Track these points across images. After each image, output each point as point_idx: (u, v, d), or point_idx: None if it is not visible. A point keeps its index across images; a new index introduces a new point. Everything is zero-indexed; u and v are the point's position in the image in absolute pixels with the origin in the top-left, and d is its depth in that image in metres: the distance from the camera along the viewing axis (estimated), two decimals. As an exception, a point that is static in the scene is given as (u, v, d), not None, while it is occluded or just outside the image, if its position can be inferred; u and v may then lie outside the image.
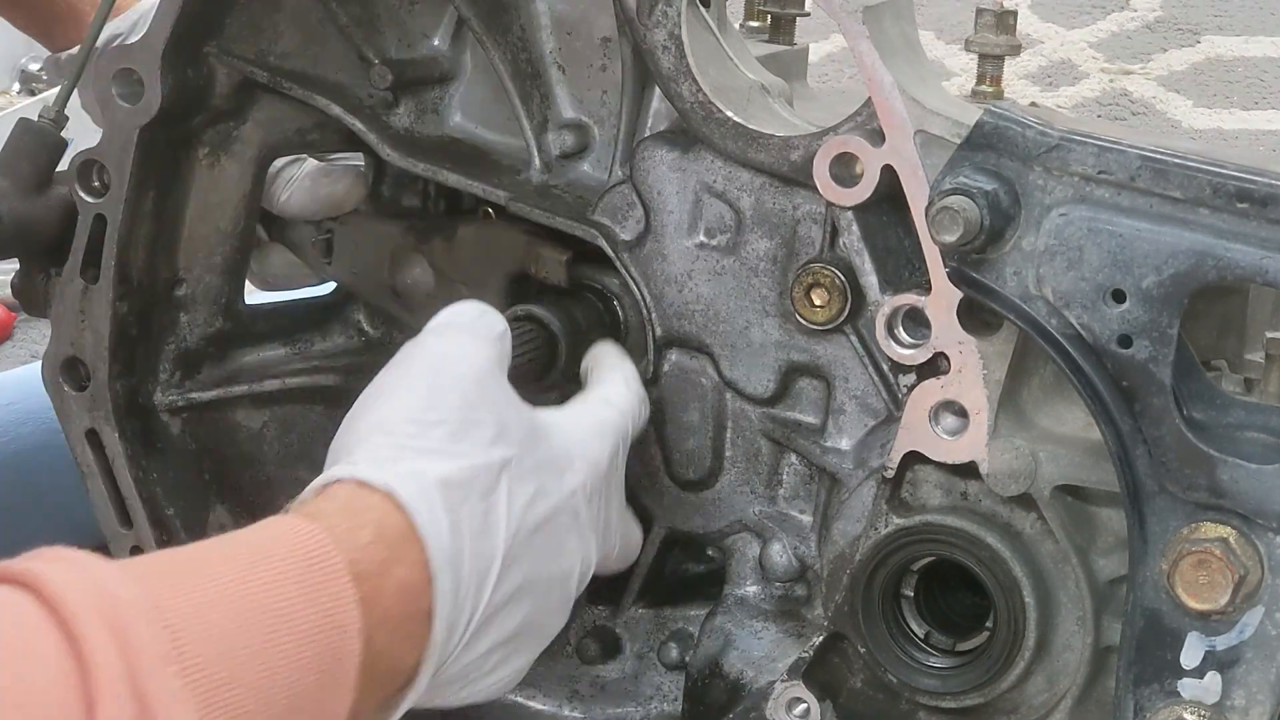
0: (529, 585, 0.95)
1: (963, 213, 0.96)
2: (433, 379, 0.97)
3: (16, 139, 1.24)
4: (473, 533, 0.92)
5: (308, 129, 1.25)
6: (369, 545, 0.86)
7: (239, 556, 0.82)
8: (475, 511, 0.92)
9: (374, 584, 0.85)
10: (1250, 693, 0.94)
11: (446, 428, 0.94)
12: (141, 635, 0.73)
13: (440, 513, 0.90)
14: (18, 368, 1.82)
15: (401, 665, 0.88)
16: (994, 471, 1.03)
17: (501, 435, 0.96)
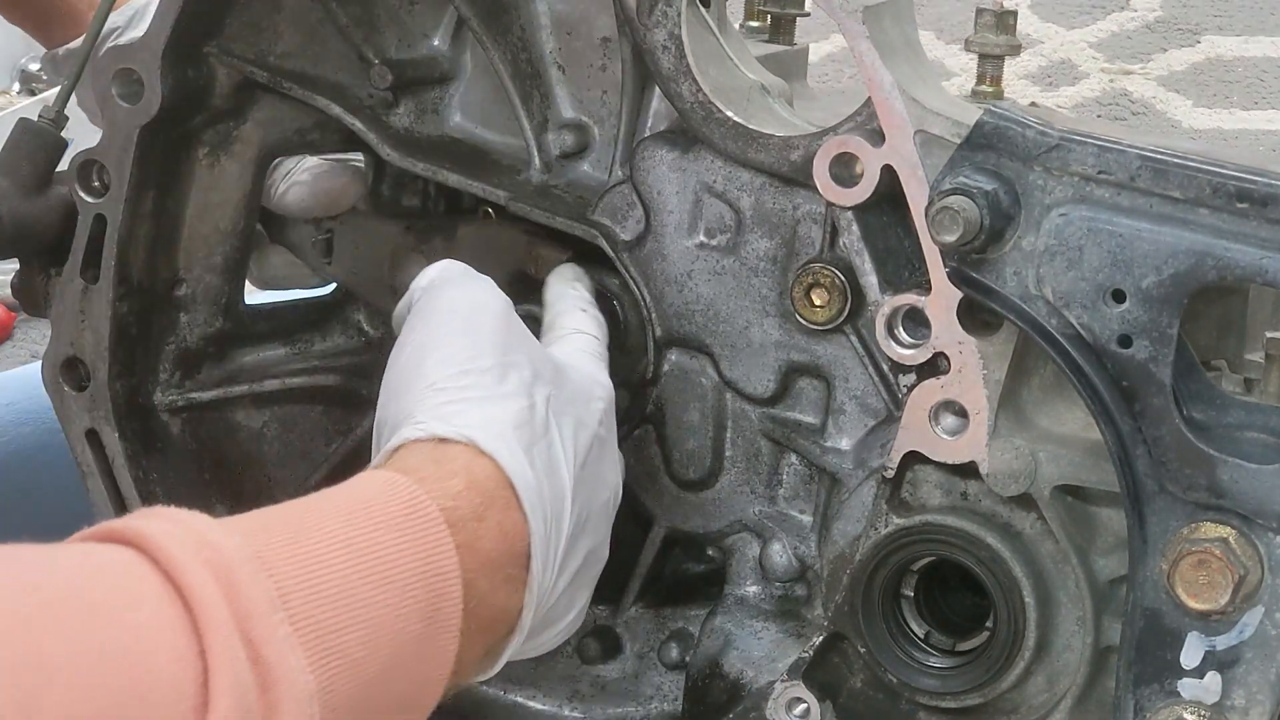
0: (587, 517, 0.97)
1: (963, 213, 0.96)
2: (467, 328, 0.98)
3: (16, 139, 1.24)
4: (545, 470, 0.93)
5: (308, 129, 1.25)
6: (461, 493, 0.88)
7: (335, 509, 0.83)
8: (542, 449, 0.94)
9: (471, 530, 0.86)
10: (1250, 692, 0.94)
11: (493, 373, 0.95)
12: (247, 583, 0.74)
13: (520, 454, 0.92)
14: (18, 368, 1.82)
15: (504, 610, 0.89)
16: (994, 471, 1.03)
17: (537, 374, 0.98)
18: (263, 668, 0.72)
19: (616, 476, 1.04)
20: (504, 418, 0.93)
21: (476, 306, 1.00)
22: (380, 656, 0.79)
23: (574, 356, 1.06)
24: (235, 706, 0.70)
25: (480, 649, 0.90)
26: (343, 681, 0.77)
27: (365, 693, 0.78)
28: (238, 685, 0.70)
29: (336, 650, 0.76)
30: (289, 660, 0.73)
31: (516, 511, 0.90)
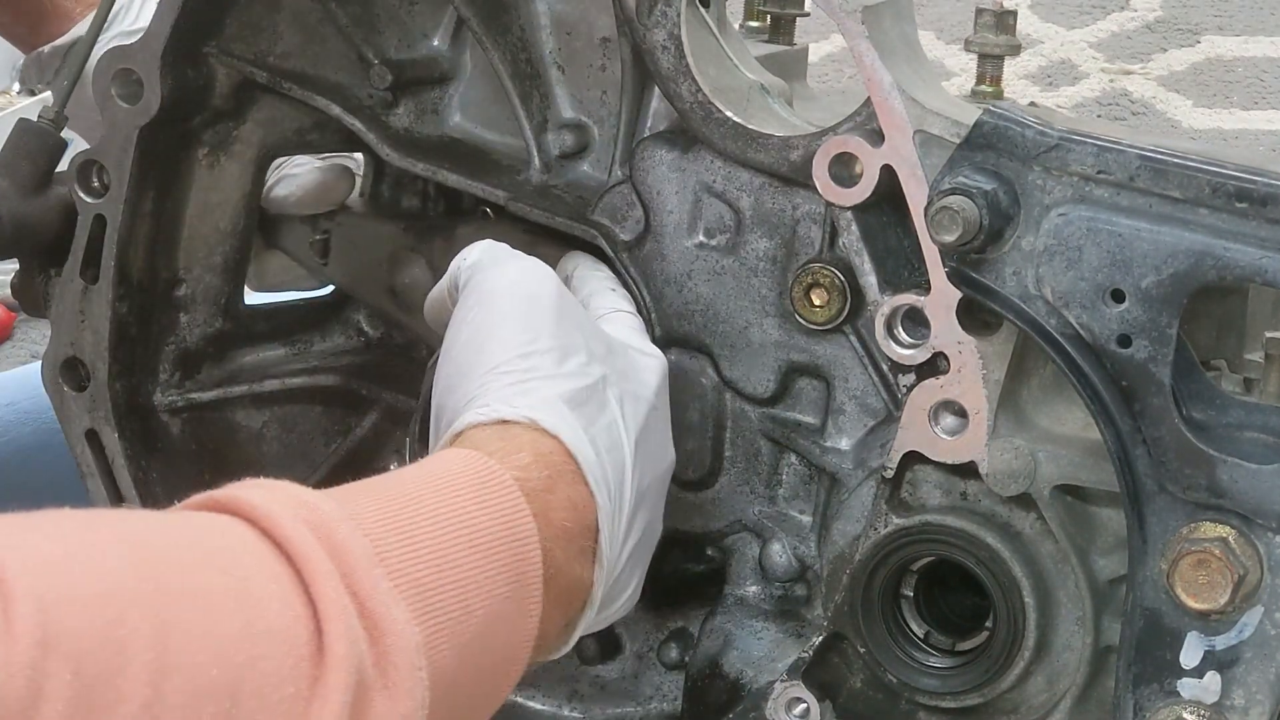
0: (645, 491, 0.98)
1: (962, 212, 0.96)
2: (524, 310, 0.99)
3: (16, 139, 1.24)
4: (606, 447, 0.95)
5: (307, 129, 1.25)
6: (530, 465, 0.90)
7: (417, 479, 0.85)
8: (602, 427, 0.96)
9: (543, 500, 0.88)
10: (1250, 692, 0.94)
11: (553, 355, 0.97)
12: (346, 539, 0.75)
13: (581, 431, 0.94)
14: (18, 368, 1.82)
15: (578, 582, 0.91)
16: (993, 471, 1.03)
17: (592, 353, 0.99)
18: (370, 619, 0.74)
19: (670, 448, 1.05)
20: (565, 398, 0.95)
21: (531, 287, 1.00)
22: (475, 618, 0.81)
23: (621, 333, 1.07)
24: (349, 653, 0.71)
25: (559, 621, 0.91)
26: (443, 639, 0.78)
27: (462, 656, 0.80)
28: (349, 633, 0.72)
29: (436, 608, 0.78)
30: (394, 612, 0.75)
31: (583, 486, 0.92)
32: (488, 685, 0.85)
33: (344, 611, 0.73)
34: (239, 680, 0.68)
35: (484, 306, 1.00)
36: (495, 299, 1.00)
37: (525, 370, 0.96)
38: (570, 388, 0.96)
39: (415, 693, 0.75)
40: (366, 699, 0.72)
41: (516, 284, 1.01)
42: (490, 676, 0.85)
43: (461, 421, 0.93)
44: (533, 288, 1.00)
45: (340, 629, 0.72)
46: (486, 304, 1.00)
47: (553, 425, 0.93)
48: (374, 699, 0.73)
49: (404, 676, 0.74)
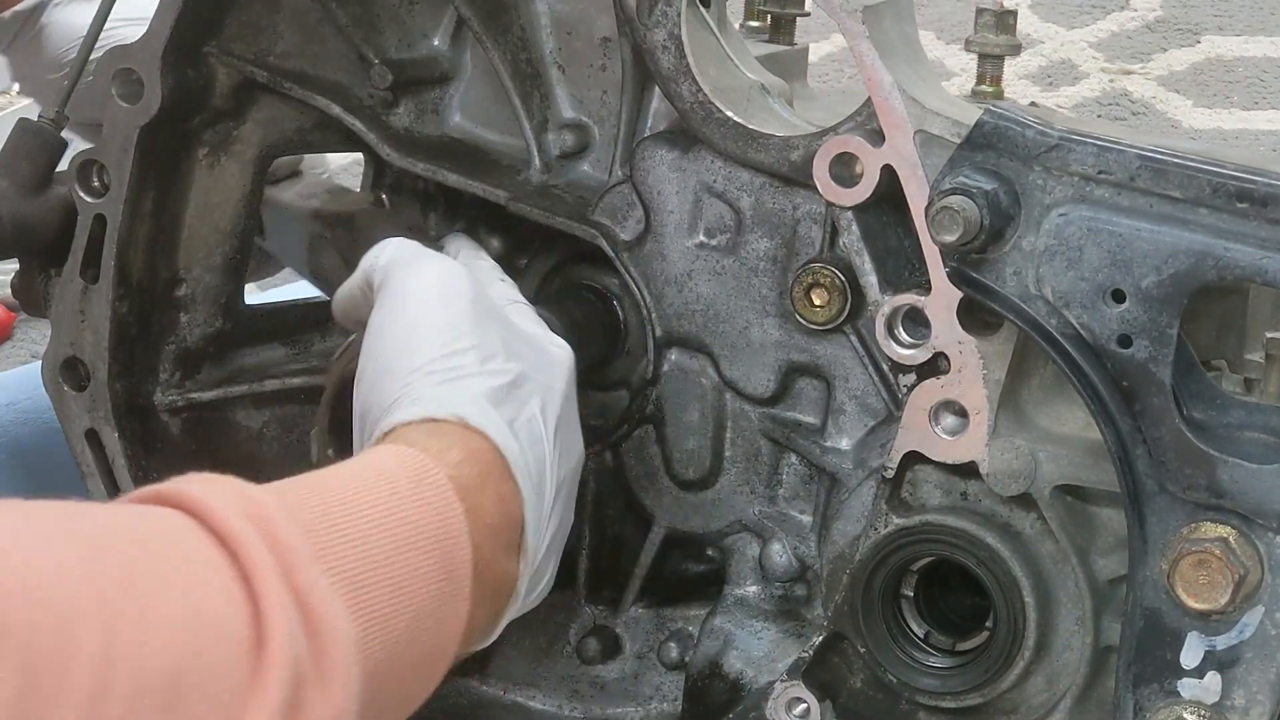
0: (563, 482, 1.00)
1: (962, 212, 0.96)
2: (444, 310, 1.00)
3: (16, 139, 1.24)
4: (528, 442, 0.97)
5: (308, 129, 1.25)
6: (461, 463, 0.91)
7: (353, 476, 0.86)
8: (524, 421, 0.97)
9: (474, 498, 0.90)
10: (1250, 692, 0.94)
11: (474, 353, 0.98)
12: (287, 535, 0.77)
13: (506, 428, 0.95)
14: (17, 368, 1.82)
15: (505, 575, 0.93)
16: (994, 471, 1.03)
17: (510, 348, 1.00)
18: (308, 614, 0.75)
19: (580, 438, 1.06)
20: (489, 395, 0.96)
21: (450, 286, 1.02)
22: (406, 614, 0.82)
23: (528, 325, 1.07)
24: (287, 646, 0.73)
25: (486, 613, 0.93)
26: (375, 635, 0.80)
27: (393, 650, 0.81)
28: (288, 626, 0.73)
29: (369, 605, 0.80)
30: (332, 608, 0.76)
31: (509, 481, 0.94)
32: (416, 678, 0.86)
33: (284, 606, 0.74)
34: (182, 671, 0.69)
35: (405, 307, 1.01)
36: (415, 299, 1.01)
37: (449, 370, 0.97)
38: (493, 385, 0.97)
39: (349, 688, 0.76)
40: (302, 693, 0.73)
41: (435, 284, 1.02)
42: (419, 669, 0.86)
43: (390, 420, 0.94)
44: (451, 287, 1.02)
45: (280, 624, 0.73)
46: (407, 304, 1.01)
47: (480, 422, 0.94)
48: (309, 694, 0.74)
49: (339, 672, 0.75)
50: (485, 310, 1.02)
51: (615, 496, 1.21)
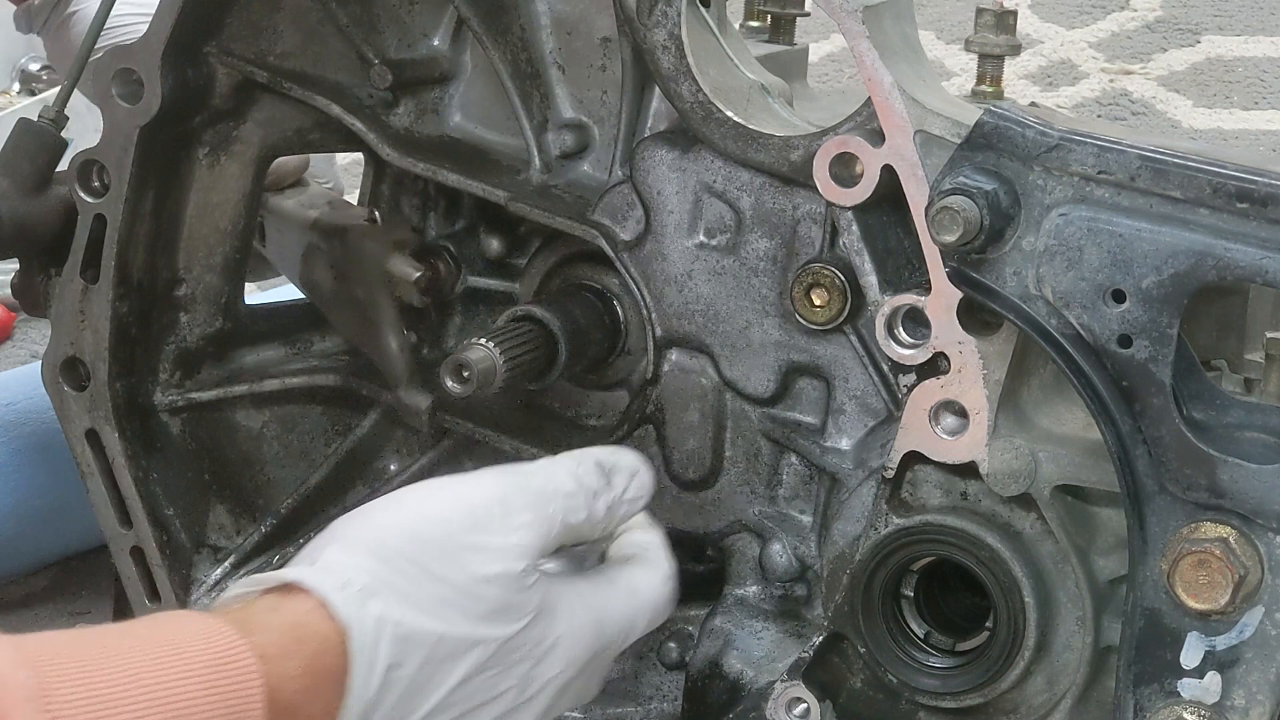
0: None
1: (962, 213, 0.96)
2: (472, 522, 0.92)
3: (16, 139, 1.25)
4: (402, 692, 0.88)
5: (308, 129, 1.25)
6: (296, 677, 0.83)
7: (142, 647, 0.79)
8: (421, 673, 0.88)
9: (280, 671, 0.82)
10: (1250, 693, 0.94)
11: (447, 587, 0.89)
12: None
13: (380, 668, 0.86)
14: (17, 368, 1.82)
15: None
16: (994, 471, 1.03)
17: (501, 613, 0.92)
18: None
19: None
20: (405, 622, 0.87)
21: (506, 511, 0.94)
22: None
23: (582, 603, 0.98)
24: None
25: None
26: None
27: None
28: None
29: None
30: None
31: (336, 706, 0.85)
32: None
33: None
34: None
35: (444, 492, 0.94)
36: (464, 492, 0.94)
37: (396, 571, 0.88)
38: (425, 623, 0.88)
39: None
40: None
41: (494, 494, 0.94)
42: None
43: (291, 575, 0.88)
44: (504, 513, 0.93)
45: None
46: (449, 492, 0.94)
47: (357, 648, 0.85)
48: None
49: None
50: (518, 569, 0.92)
51: (615, 496, 1.21)
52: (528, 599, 0.93)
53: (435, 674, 0.89)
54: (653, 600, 1.03)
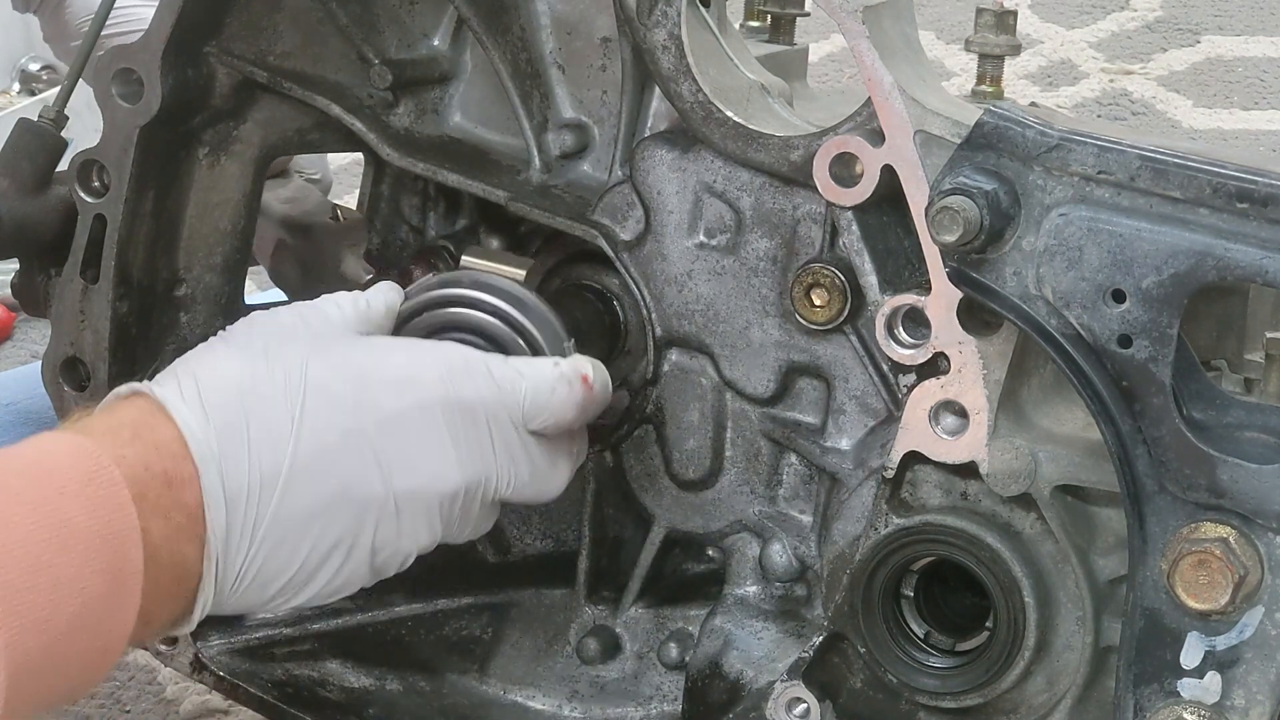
0: (350, 492, 0.97)
1: (963, 213, 0.96)
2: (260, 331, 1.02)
3: (16, 139, 1.24)
4: (255, 433, 0.95)
5: (308, 129, 1.25)
6: (130, 443, 0.91)
7: (20, 473, 0.86)
8: (258, 412, 0.95)
9: (143, 480, 0.89)
10: (1250, 693, 0.94)
11: (244, 345, 1.00)
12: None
13: (201, 409, 0.94)
14: (18, 368, 1.82)
15: (184, 561, 0.92)
16: (994, 471, 1.03)
17: (315, 354, 1.00)
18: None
19: (465, 470, 1.02)
20: (208, 375, 0.97)
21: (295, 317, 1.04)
22: (66, 614, 0.84)
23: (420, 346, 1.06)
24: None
25: (169, 602, 0.93)
26: (28, 638, 0.82)
27: (51, 648, 0.84)
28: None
29: (23, 608, 0.82)
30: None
31: (187, 463, 0.93)
32: (79, 671, 0.88)
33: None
34: None
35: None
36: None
37: (197, 353, 1.00)
38: (231, 367, 0.97)
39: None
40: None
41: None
42: (82, 663, 0.88)
43: (113, 392, 0.97)
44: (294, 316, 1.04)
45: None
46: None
47: (162, 396, 0.94)
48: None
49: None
50: (327, 329, 1.03)
51: (615, 496, 1.21)
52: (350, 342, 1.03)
53: (276, 414, 0.96)
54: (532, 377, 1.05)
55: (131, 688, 1.60)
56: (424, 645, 1.26)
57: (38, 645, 0.83)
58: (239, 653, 1.25)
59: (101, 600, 0.86)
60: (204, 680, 1.25)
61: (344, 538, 0.98)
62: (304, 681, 1.25)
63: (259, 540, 0.95)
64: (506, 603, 1.25)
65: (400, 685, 1.26)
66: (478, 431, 1.02)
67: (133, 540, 0.88)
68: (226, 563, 0.94)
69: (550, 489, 1.09)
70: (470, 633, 1.26)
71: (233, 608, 0.97)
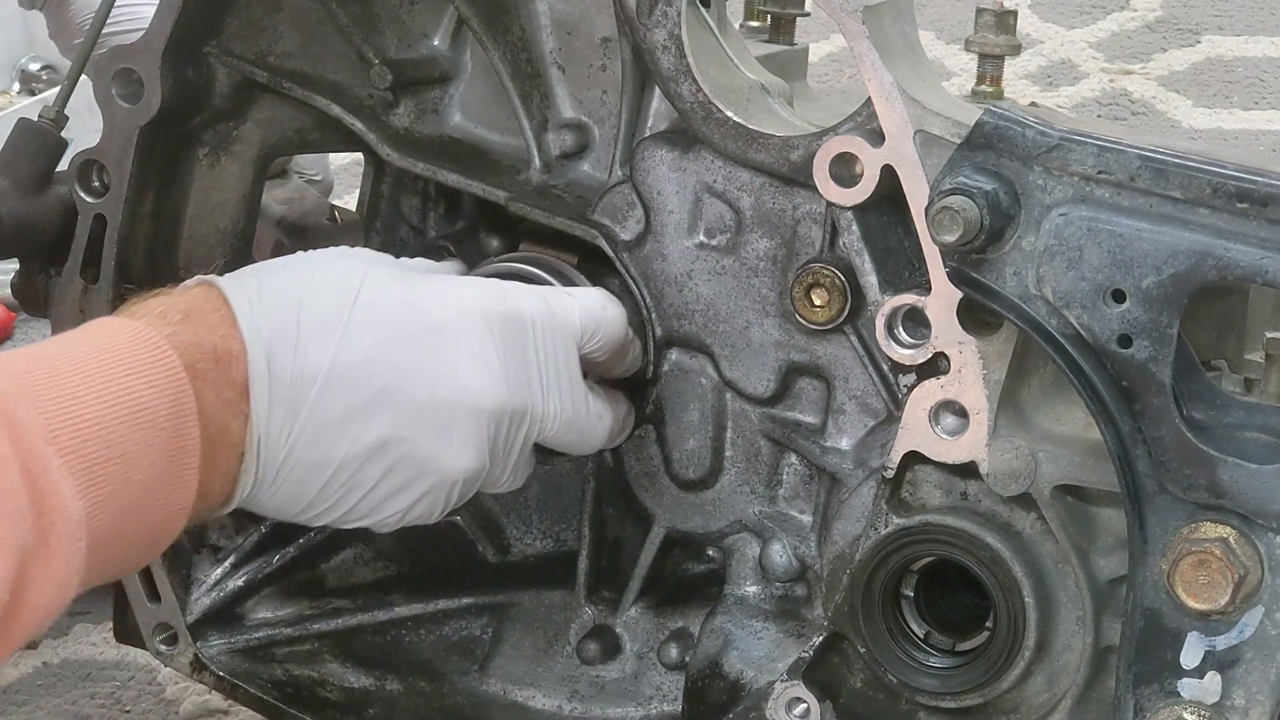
0: (391, 394, 0.99)
1: (963, 213, 0.96)
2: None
3: (16, 139, 1.24)
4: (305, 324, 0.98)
5: (308, 129, 1.25)
6: (180, 323, 0.95)
7: (89, 354, 0.90)
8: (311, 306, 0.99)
9: (193, 354, 0.94)
10: (1250, 693, 0.94)
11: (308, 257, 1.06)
12: (25, 420, 0.83)
13: (258, 296, 0.98)
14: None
15: (230, 436, 0.96)
16: (994, 471, 1.03)
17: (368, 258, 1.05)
18: (39, 495, 0.82)
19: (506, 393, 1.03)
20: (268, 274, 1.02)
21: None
22: (135, 486, 0.89)
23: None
24: (12, 534, 0.80)
25: (219, 479, 0.96)
26: (103, 509, 0.87)
27: (122, 520, 0.89)
28: (16, 513, 0.81)
29: (99, 482, 0.87)
30: (61, 489, 0.84)
31: (237, 342, 0.97)
32: (143, 544, 0.94)
33: (13, 495, 0.81)
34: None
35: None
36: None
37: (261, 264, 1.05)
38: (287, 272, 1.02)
39: (72, 561, 0.84)
40: (28, 569, 0.81)
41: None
42: (147, 536, 0.93)
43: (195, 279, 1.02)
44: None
45: (6, 513, 0.80)
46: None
47: (221, 282, 0.99)
48: (34, 569, 0.82)
49: (63, 547, 0.84)
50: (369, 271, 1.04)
51: (615, 496, 1.21)
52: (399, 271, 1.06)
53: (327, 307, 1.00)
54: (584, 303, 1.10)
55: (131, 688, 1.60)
56: (424, 645, 1.26)
57: (112, 517, 0.87)
58: (239, 653, 1.25)
59: (166, 474, 0.91)
60: (204, 680, 1.25)
61: (383, 442, 1.00)
62: (304, 681, 1.25)
63: (299, 427, 0.97)
64: (506, 603, 1.25)
65: (400, 685, 1.26)
66: (524, 352, 1.04)
67: (191, 417, 0.92)
68: (268, 444, 0.97)
69: (591, 438, 1.11)
70: (470, 633, 1.26)
71: (275, 506, 1.00)
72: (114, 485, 0.87)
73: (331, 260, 1.05)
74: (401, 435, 1.00)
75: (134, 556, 0.95)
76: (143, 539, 0.93)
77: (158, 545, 0.95)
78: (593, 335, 1.09)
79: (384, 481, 1.01)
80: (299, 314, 0.98)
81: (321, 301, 1.00)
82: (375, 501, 1.02)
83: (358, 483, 1.00)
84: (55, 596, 0.84)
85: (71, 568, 0.84)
